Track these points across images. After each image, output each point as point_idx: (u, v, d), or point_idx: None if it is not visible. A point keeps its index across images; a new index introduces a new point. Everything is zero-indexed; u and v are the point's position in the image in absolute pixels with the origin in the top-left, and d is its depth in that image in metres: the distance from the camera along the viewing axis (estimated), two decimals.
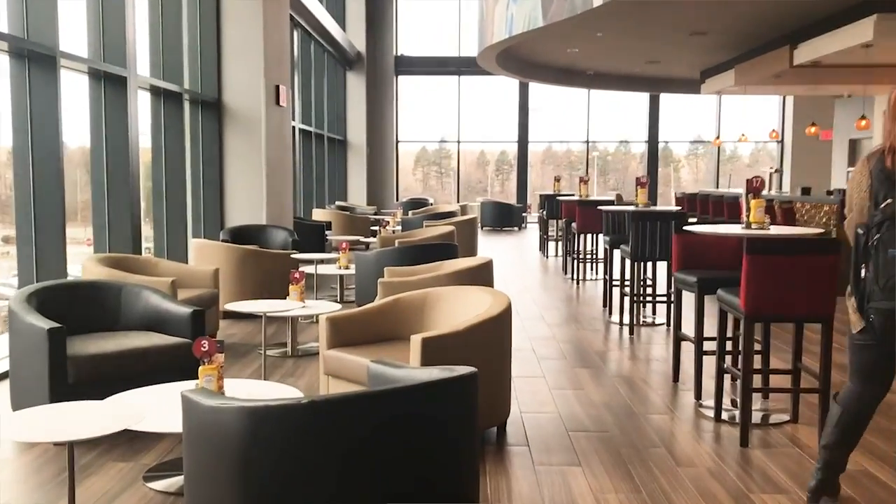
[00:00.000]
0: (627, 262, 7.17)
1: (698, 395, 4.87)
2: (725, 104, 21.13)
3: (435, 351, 3.69)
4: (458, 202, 20.16)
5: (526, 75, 16.47)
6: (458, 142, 20.87)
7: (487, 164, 23.89)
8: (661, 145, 21.60)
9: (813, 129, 15.39)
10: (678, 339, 5.29)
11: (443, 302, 4.48)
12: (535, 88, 20.36)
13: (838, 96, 15.77)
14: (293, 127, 12.70)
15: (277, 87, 9.53)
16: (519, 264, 11.88)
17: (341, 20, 17.47)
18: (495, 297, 4.24)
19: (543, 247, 13.15)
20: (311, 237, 10.86)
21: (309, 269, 7.53)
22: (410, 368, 3.06)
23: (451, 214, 13.02)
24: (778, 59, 10.75)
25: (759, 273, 3.96)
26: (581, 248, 9.83)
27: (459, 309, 4.38)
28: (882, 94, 12.38)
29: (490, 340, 4.00)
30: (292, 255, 7.43)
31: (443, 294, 4.52)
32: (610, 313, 7.69)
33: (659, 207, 7.60)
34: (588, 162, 21.56)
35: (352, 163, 18.46)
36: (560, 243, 13.09)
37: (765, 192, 12.77)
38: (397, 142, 20.42)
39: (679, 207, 9.07)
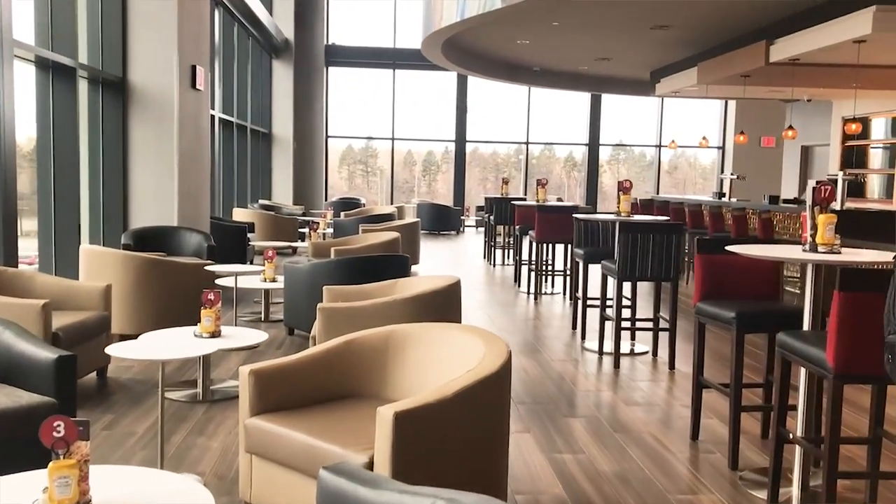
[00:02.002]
0: (610, 280, 6.10)
1: (734, 465, 3.79)
2: (650, 108, 20.35)
3: (412, 428, 2.50)
4: (391, 203, 18.92)
5: (470, 67, 15.36)
6: (393, 139, 19.61)
7: (415, 164, 22.71)
8: (603, 149, 20.76)
9: (741, 138, 14.64)
10: (700, 385, 4.20)
11: (412, 345, 3.28)
12: (471, 87, 19.25)
13: (794, 100, 15.13)
14: (212, 115, 11.28)
15: (194, 68, 8.16)
16: (464, 275, 10.72)
17: (268, 3, 16.05)
18: (487, 342, 3.06)
19: (489, 254, 12.04)
20: (231, 241, 9.50)
21: (228, 281, 6.22)
22: (390, 488, 1.84)
23: (388, 217, 11.81)
24: (751, 55, 9.88)
25: (854, 317, 2.89)
26: (540, 258, 8.73)
27: (436, 356, 3.19)
28: (864, 98, 11.69)
29: (484, 409, 2.82)
30: (206, 268, 6.10)
31: (412, 334, 3.31)
32: (583, 338, 6.60)
33: (648, 217, 6.55)
34: (528, 164, 20.59)
35: (277, 158, 17.03)
36: (509, 251, 12.00)
37: (725, 200, 11.97)
38: (327, 137, 19.05)
39: (668, 218, 8.09)
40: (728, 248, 3.69)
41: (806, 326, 3.52)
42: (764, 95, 13.64)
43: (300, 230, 12.30)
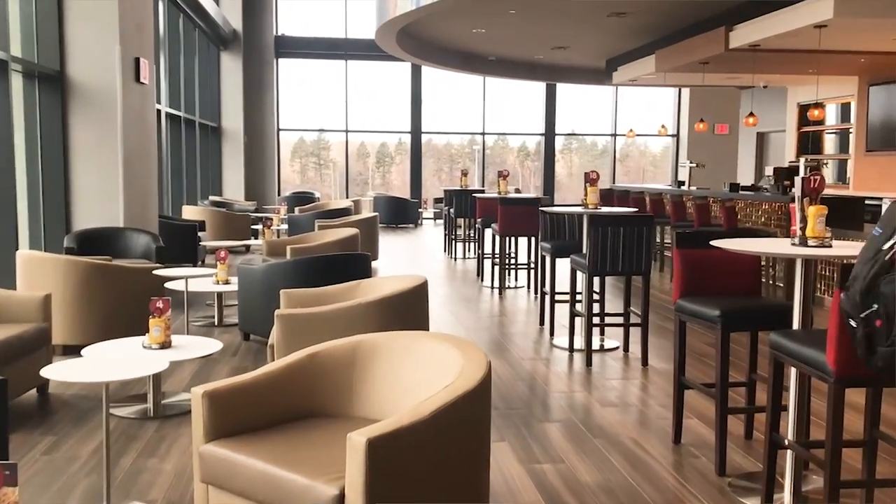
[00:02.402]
0: (580, 274, 5.90)
1: (721, 471, 3.60)
2: (603, 97, 20.28)
3: (387, 455, 2.25)
4: (346, 197, 18.58)
5: (425, 57, 15.07)
6: (346, 131, 19.23)
7: (368, 156, 22.35)
8: (559, 138, 20.63)
9: (702, 125, 14.67)
10: (681, 385, 4.00)
11: (381, 357, 3.02)
12: (425, 78, 18.94)
13: (749, 87, 15.13)
14: (158, 110, 10.84)
15: (137, 60, 7.77)
16: (426, 269, 10.48)
17: None
18: (463, 353, 2.82)
19: (450, 248, 11.80)
20: (181, 241, 9.12)
21: (179, 285, 5.89)
22: None
23: (345, 212, 11.49)
24: (710, 42, 9.76)
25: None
26: (504, 252, 8.52)
27: (408, 369, 2.94)
28: (819, 84, 11.67)
29: (464, 428, 2.58)
30: (155, 272, 5.75)
31: (380, 345, 3.05)
32: (552, 334, 6.40)
33: (618, 209, 6.36)
34: (484, 155, 20.38)
35: (228, 153, 16.59)
36: (470, 245, 11.78)
37: (685, 188, 11.88)
38: (278, 130, 18.60)
39: (636, 209, 7.91)
40: (713, 242, 3.49)
41: (796, 325, 3.34)
42: (721, 82, 13.60)
43: (253, 227, 11.92)
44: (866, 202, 8.52)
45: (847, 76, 12.02)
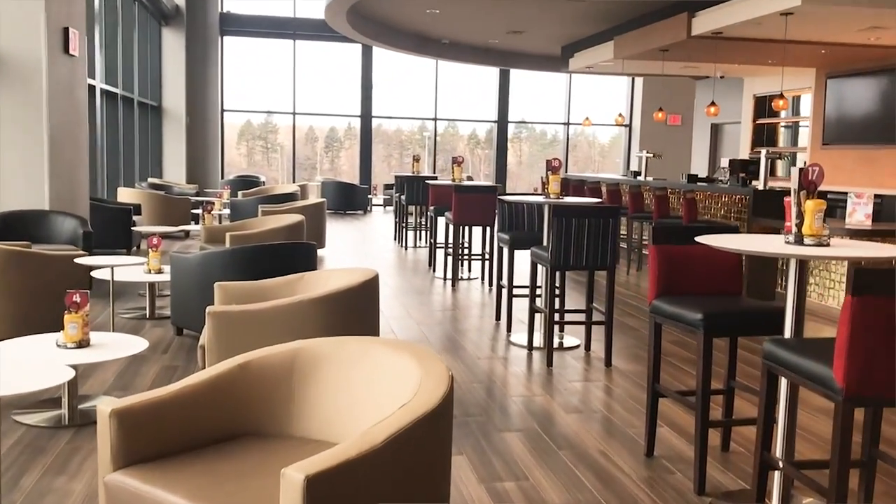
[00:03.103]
0: (540, 267, 5.55)
1: (700, 489, 3.28)
2: (554, 84, 20.00)
3: (330, 493, 1.85)
4: (293, 181, 18.00)
5: (376, 38, 14.58)
6: (294, 114, 18.61)
7: (317, 141, 21.77)
8: (511, 126, 20.30)
9: (660, 115, 14.49)
10: (655, 393, 3.67)
11: (325, 367, 2.61)
12: (376, 60, 18.42)
13: (703, 77, 14.96)
14: (93, 86, 10.20)
15: (66, 31, 7.18)
16: (376, 259, 10.07)
17: None
18: (421, 363, 2.43)
19: (400, 236, 11.38)
20: (114, 225, 8.58)
21: (105, 273, 5.39)
22: None
23: (291, 197, 10.99)
24: (672, 28, 9.48)
25: (870, 327, 2.38)
26: (458, 242, 8.14)
27: (357, 382, 2.54)
28: (776, 75, 11.50)
29: (423, 455, 2.19)
30: (77, 260, 5.23)
31: (324, 353, 2.64)
32: (509, 330, 6.05)
33: (582, 200, 6.02)
34: (436, 141, 19.95)
35: (169, 133, 15.90)
36: (422, 233, 11.37)
37: (641, 178, 11.64)
38: (223, 111, 17.92)
39: (600, 200, 7.60)
40: (699, 239, 3.15)
41: (788, 331, 3.03)
42: (679, 72, 13.39)
43: (194, 212, 11.35)
44: (829, 195, 8.31)
45: (805, 68, 11.89)
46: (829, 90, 12.03)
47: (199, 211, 9.62)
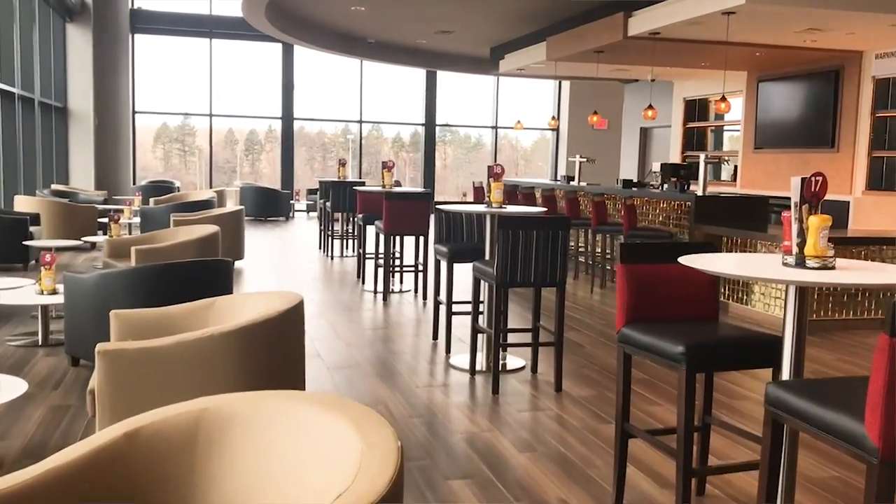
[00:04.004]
0: (483, 283, 5.07)
1: None
2: (480, 87, 19.65)
3: None
4: (210, 186, 17.16)
5: (298, 36, 13.92)
6: (210, 115, 17.76)
7: (236, 143, 20.92)
8: (438, 129, 19.83)
9: (595, 118, 14.28)
10: (625, 433, 3.21)
11: (238, 436, 2.05)
12: (297, 60, 17.71)
13: (631, 81, 14.78)
14: None
15: None
16: (299, 271, 9.45)
17: None
18: (361, 431, 1.89)
19: (325, 245, 10.77)
20: (7, 238, 7.76)
21: None
22: None
23: (207, 204, 10.27)
24: (607, 29, 9.15)
25: None
26: (389, 252, 7.61)
27: (279, 455, 1.98)
28: (705, 78, 11.32)
29: None
30: None
31: (236, 416, 2.08)
32: (448, 351, 5.55)
33: (529, 209, 5.55)
34: (361, 144, 19.35)
35: (76, 136, 14.90)
36: (349, 242, 10.79)
37: (575, 184, 11.30)
38: (134, 112, 16.96)
39: (545, 208, 7.15)
40: (683, 260, 2.70)
41: (787, 368, 2.60)
42: (611, 74, 13.13)
43: (101, 221, 10.52)
44: (770, 201, 8.11)
45: (736, 72, 11.75)
46: (760, 93, 11.92)
47: (107, 221, 8.85)
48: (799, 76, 11.20)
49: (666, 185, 9.54)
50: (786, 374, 2.60)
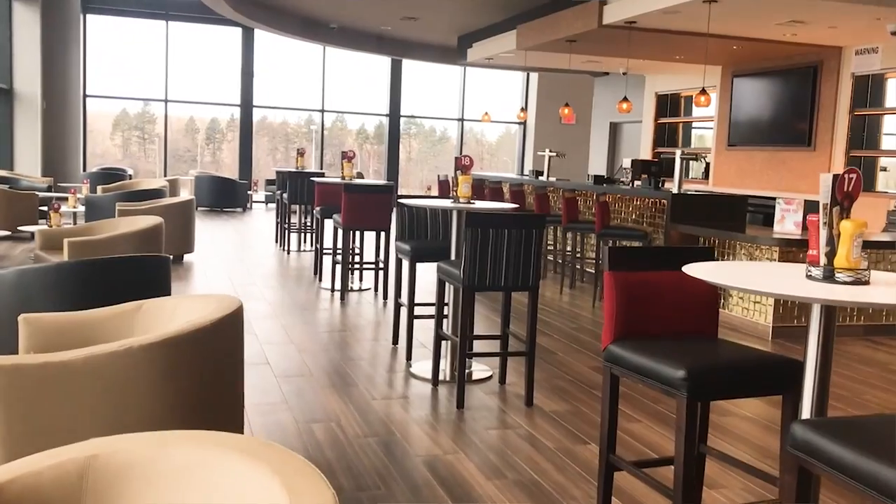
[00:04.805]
0: (449, 286, 4.64)
1: None
2: (447, 78, 19.18)
3: None
4: (165, 175, 16.51)
5: (258, 20, 13.34)
6: (166, 101, 17.08)
7: (198, 132, 20.25)
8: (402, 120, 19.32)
9: (566, 111, 13.94)
10: (610, 465, 2.79)
11: (132, 492, 1.59)
12: (258, 46, 17.09)
13: (601, 74, 14.42)
14: None
15: None
16: (253, 266, 8.93)
17: None
18: (293, 492, 1.45)
19: (282, 239, 10.26)
20: None
21: None
22: None
23: (157, 194, 9.69)
24: (581, 17, 8.75)
25: None
26: (348, 248, 7.14)
27: None
28: (679, 72, 10.98)
29: None
30: None
31: (132, 466, 1.62)
32: (409, 357, 5.10)
33: (499, 205, 5.12)
34: (323, 135, 18.78)
35: (21, 119, 14.15)
36: (307, 235, 10.29)
37: (543, 178, 10.91)
38: (85, 96, 16.24)
39: (517, 204, 6.73)
40: (688, 269, 2.29)
41: (808, 401, 2.20)
42: (582, 66, 12.75)
43: (43, 209, 9.91)
44: (757, 200, 7.78)
45: (711, 66, 11.44)
46: (735, 89, 11.62)
47: (48, 209, 8.26)
48: (775, 72, 10.91)
49: (639, 182, 9.20)
50: (807, 408, 2.20)
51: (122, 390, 2.67)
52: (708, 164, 12.33)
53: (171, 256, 7.94)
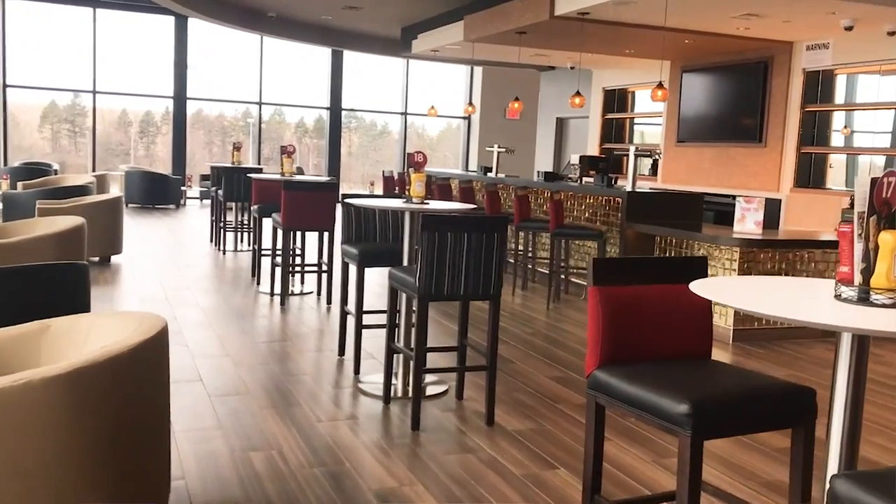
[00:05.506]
0: (402, 294, 4.26)
1: None
2: (391, 71, 18.75)
3: None
4: (94, 170, 15.74)
5: (195, 8, 12.71)
6: (94, 93, 16.26)
7: (130, 125, 19.42)
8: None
9: (517, 105, 13.66)
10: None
11: None
12: (192, 35, 16.39)
13: (547, 68, 14.17)
14: None
15: None
16: (186, 268, 8.40)
17: None
18: None
19: (217, 238, 9.72)
20: None
21: None
22: None
23: (82, 191, 9.06)
24: (532, 7, 8.42)
25: None
26: (288, 250, 6.69)
27: None
28: (629, 67, 10.75)
29: None
30: None
31: None
32: (357, 371, 4.70)
33: (455, 205, 4.74)
34: (260, 128, 18.16)
35: None
36: (244, 234, 9.78)
37: (491, 175, 10.59)
38: (5, 86, 15.35)
39: (467, 203, 6.35)
40: (695, 287, 1.95)
41: (836, 447, 1.88)
42: (530, 60, 12.45)
43: None
44: (708, 198, 7.56)
45: (658, 61, 11.25)
46: (684, 85, 11.46)
47: None
48: (726, 67, 10.77)
49: (589, 179, 8.95)
50: (834, 456, 1.88)
51: (19, 431, 2.23)
52: (656, 161, 12.16)
53: (96, 260, 7.36)
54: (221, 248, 9.49)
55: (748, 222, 6.33)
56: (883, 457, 3.78)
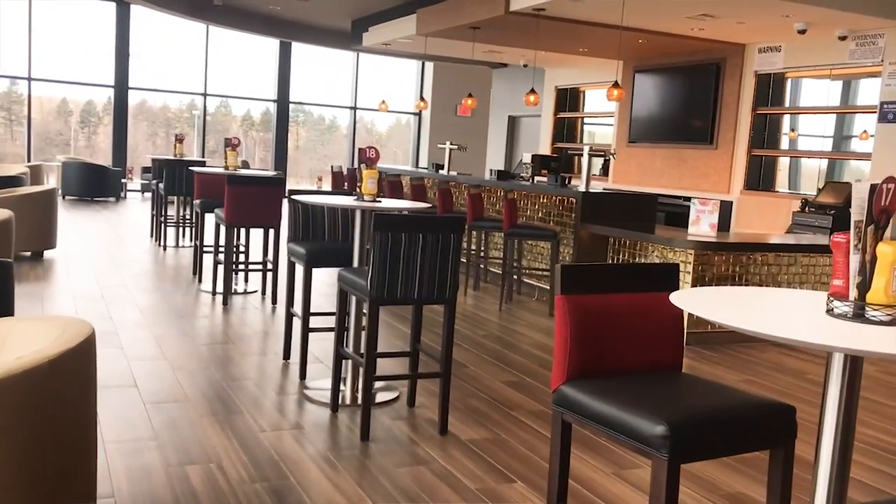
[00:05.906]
0: (351, 297, 4.05)
1: None
2: (340, 64, 18.45)
3: None
4: (29, 160, 15.15)
5: None
6: (29, 79, 15.64)
7: (71, 114, 18.76)
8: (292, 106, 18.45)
9: (470, 101, 13.51)
10: None
11: None
12: (135, 23, 15.87)
13: (500, 65, 14.04)
14: None
15: None
16: (124, 264, 8.05)
17: None
18: None
19: (158, 234, 9.36)
20: None
21: None
22: None
23: (13, 182, 8.65)
24: (487, 3, 8.26)
25: None
26: (231, 247, 6.41)
27: None
28: (581, 66, 10.65)
29: None
30: None
31: None
32: (303, 376, 4.49)
33: (409, 204, 4.54)
34: (205, 120, 17.69)
35: None
36: (186, 230, 9.44)
37: (443, 173, 10.42)
38: None
39: (428, 204, 6.14)
40: (674, 299, 1.79)
41: (825, 475, 1.74)
42: (484, 56, 12.29)
43: None
44: (659, 199, 7.50)
45: (610, 60, 11.20)
46: (636, 85, 11.42)
47: None
48: (678, 68, 10.76)
49: (542, 178, 8.85)
50: (823, 484, 1.74)
51: None
52: (608, 161, 12.11)
53: (28, 255, 6.96)
54: (162, 243, 9.14)
55: (703, 224, 6.27)
56: (871, 478, 3.68)
